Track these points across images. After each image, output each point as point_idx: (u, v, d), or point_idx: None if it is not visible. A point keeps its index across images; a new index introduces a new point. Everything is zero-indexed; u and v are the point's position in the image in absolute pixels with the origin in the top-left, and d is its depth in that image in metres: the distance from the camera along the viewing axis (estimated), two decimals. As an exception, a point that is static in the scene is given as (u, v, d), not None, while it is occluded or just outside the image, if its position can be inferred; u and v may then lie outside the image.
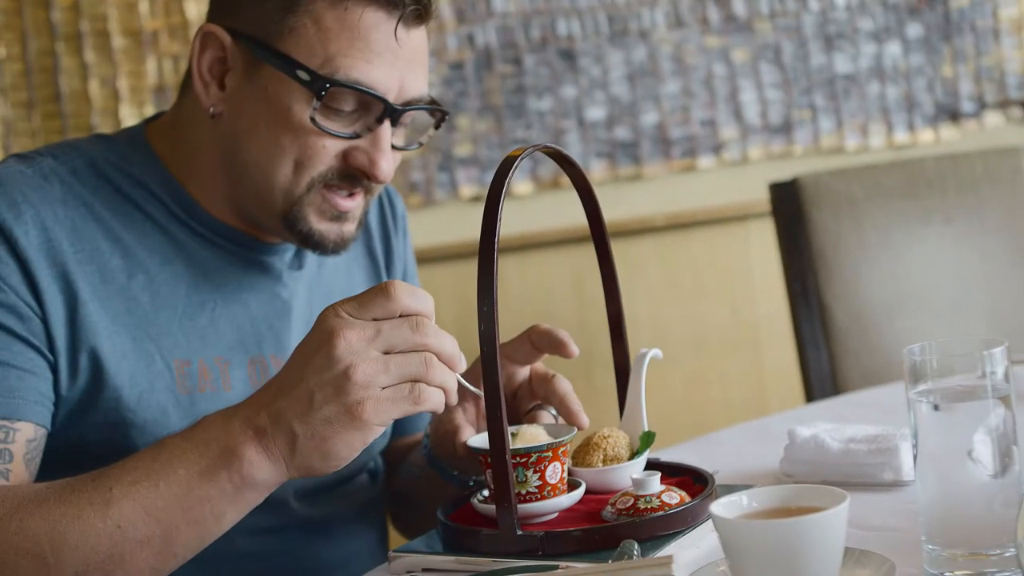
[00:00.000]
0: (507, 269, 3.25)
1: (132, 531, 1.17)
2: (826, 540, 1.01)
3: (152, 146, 1.50)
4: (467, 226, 3.17)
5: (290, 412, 1.17)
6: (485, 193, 3.18)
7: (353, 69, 1.38)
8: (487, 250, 1.21)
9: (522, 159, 1.26)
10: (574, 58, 3.31)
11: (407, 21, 1.41)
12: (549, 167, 3.29)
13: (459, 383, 1.24)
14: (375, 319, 1.18)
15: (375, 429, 1.17)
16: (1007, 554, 1.09)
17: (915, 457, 1.14)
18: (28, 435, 1.32)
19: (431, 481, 1.54)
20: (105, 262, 1.41)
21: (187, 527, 1.19)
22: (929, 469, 1.12)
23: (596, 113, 3.32)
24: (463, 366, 1.23)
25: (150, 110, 3.10)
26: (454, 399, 1.22)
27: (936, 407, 1.11)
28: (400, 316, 1.18)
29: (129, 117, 3.09)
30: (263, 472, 1.19)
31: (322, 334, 1.18)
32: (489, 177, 3.17)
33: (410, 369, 1.17)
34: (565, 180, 3.21)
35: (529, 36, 3.29)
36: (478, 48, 3.27)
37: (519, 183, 3.28)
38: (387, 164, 1.43)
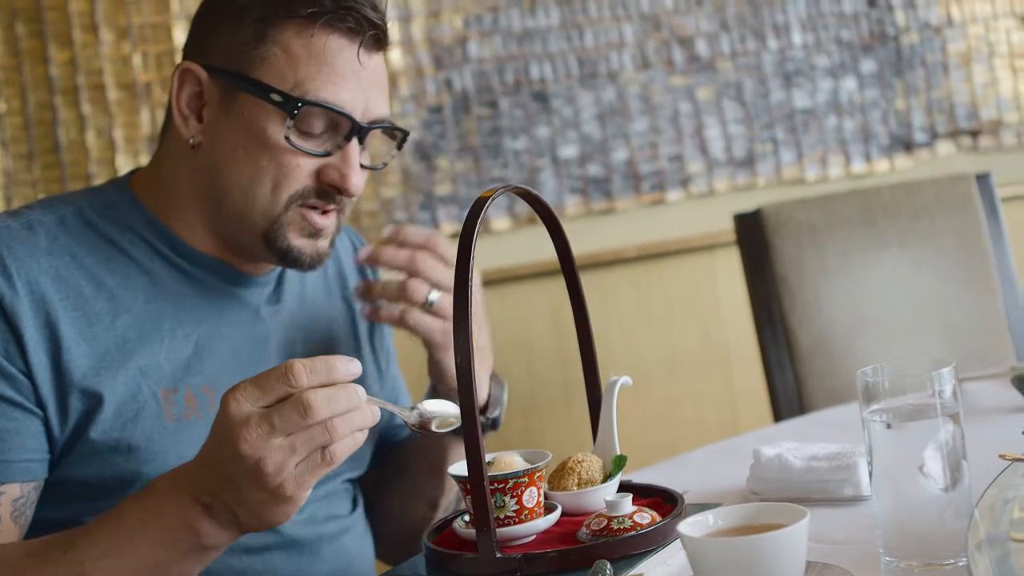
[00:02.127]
0: (487, 301, 3.22)
1: None
2: (788, 555, 1.03)
3: (135, 191, 1.55)
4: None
5: (225, 495, 1.21)
6: (466, 230, 3.24)
7: (322, 91, 1.45)
8: (461, 284, 1.23)
9: (493, 199, 1.29)
10: (547, 100, 3.34)
11: (367, 46, 1.49)
12: (525, 204, 3.27)
13: (380, 406, 1.25)
14: (272, 404, 1.19)
15: (302, 497, 1.21)
16: (960, 563, 1.11)
17: (871, 473, 1.17)
18: (14, 495, 1.37)
19: (423, 447, 1.64)
20: (90, 307, 1.44)
21: None
22: (884, 485, 1.15)
23: (569, 151, 3.35)
24: (362, 396, 1.22)
25: (145, 159, 3.11)
26: (372, 423, 1.23)
27: (888, 425, 1.14)
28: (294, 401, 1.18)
29: (125, 166, 3.11)
30: (218, 538, 1.25)
31: (225, 429, 1.19)
32: (468, 214, 3.24)
33: (316, 441, 1.19)
34: None
35: (504, 80, 3.32)
36: (455, 92, 3.29)
37: (497, 220, 3.29)
38: (357, 178, 1.49)
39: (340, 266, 1.76)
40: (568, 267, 1.46)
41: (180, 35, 3.19)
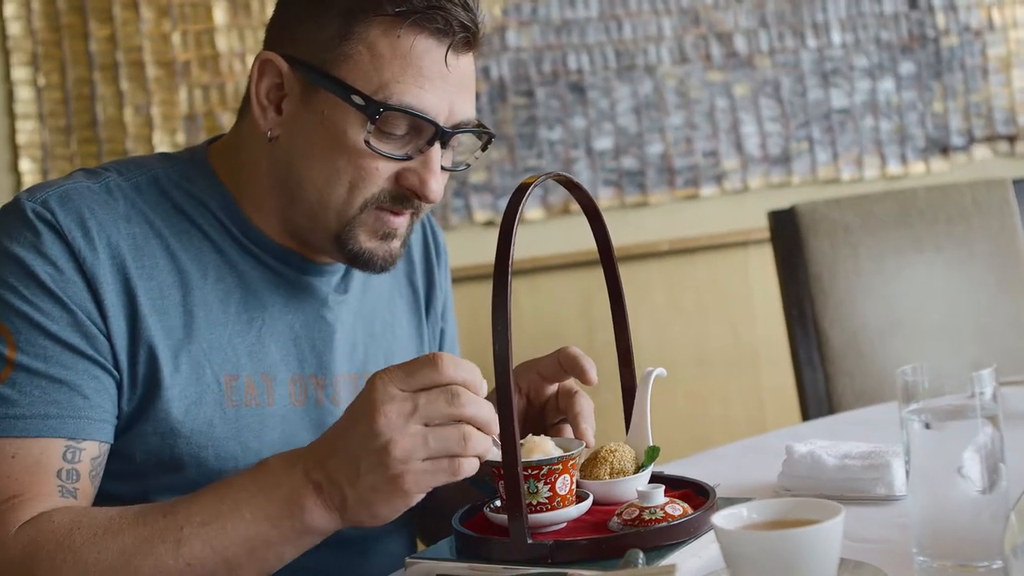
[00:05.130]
0: (518, 291, 3.25)
1: (200, 568, 1.23)
2: (822, 551, 1.03)
3: (212, 166, 1.50)
4: (480, 249, 3.19)
5: (340, 475, 1.21)
6: (498, 218, 3.29)
7: (406, 94, 1.38)
8: (501, 272, 1.22)
9: (535, 186, 1.27)
10: (583, 91, 3.35)
11: (457, 48, 1.41)
12: (559, 194, 3.31)
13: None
14: (418, 390, 1.20)
15: (416, 496, 1.21)
16: (995, 566, 1.09)
17: (907, 473, 1.15)
18: (92, 453, 1.35)
19: (462, 488, 1.52)
20: (163, 278, 1.42)
21: (249, 564, 1.25)
22: (921, 484, 1.14)
23: (604, 143, 3.36)
24: (496, 429, 1.23)
25: (181, 137, 3.16)
26: (487, 457, 1.24)
27: (927, 425, 1.12)
28: (441, 387, 1.20)
29: (161, 143, 3.14)
30: (322, 521, 1.24)
31: (366, 404, 1.20)
32: (502, 203, 3.28)
33: (448, 444, 1.19)
34: (574, 206, 3.32)
35: (541, 70, 3.33)
36: (493, 81, 3.31)
37: (530, 209, 3.30)
38: (437, 184, 1.43)
39: (408, 247, 1.71)
40: (607, 256, 1.44)
41: (220, 15, 3.21)
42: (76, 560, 1.23)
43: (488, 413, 1.22)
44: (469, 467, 1.21)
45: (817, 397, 2.57)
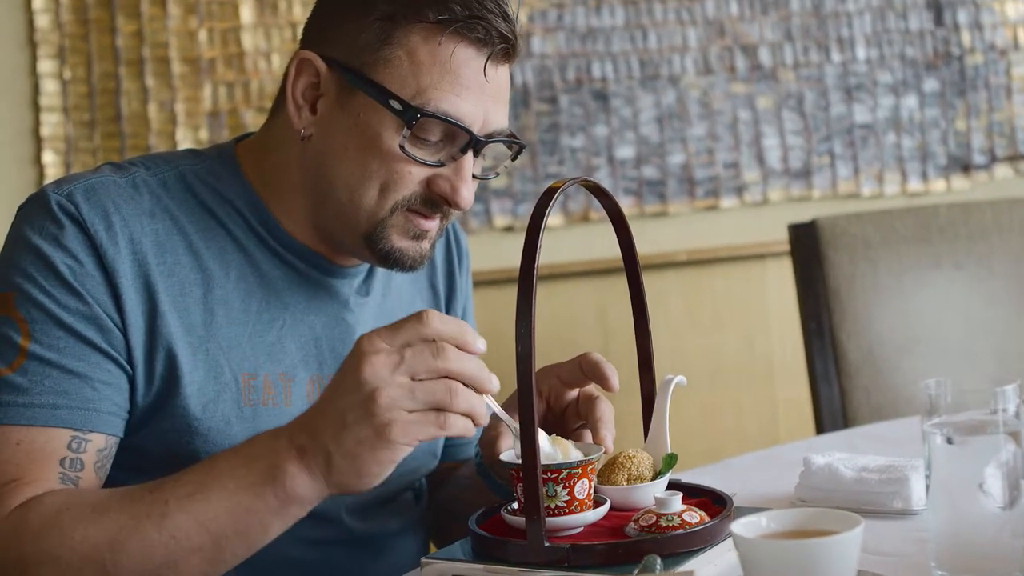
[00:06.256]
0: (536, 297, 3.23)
1: (185, 541, 1.22)
2: (840, 561, 1.03)
3: (240, 164, 1.52)
4: (500, 254, 3.21)
5: (325, 431, 1.20)
6: (518, 224, 3.27)
7: (443, 102, 1.40)
8: (527, 275, 1.22)
9: (563, 190, 1.28)
10: (607, 99, 3.35)
11: (495, 58, 1.43)
12: (579, 201, 3.32)
13: (492, 408, 1.25)
14: (405, 345, 1.20)
15: (403, 448, 1.19)
16: (1015, 582, 1.10)
17: (928, 487, 1.16)
18: (99, 445, 1.36)
19: (478, 491, 1.56)
20: (185, 275, 1.43)
21: (236, 537, 1.23)
22: (941, 499, 1.14)
23: (626, 152, 3.36)
24: (494, 387, 1.23)
25: (204, 134, 3.17)
26: (483, 421, 1.23)
27: (949, 440, 1.13)
28: (427, 341, 1.20)
29: (184, 140, 3.15)
30: (304, 488, 1.22)
31: (353, 359, 1.20)
32: (522, 209, 3.29)
33: (435, 397, 1.19)
34: (594, 214, 3.33)
35: (565, 77, 3.34)
36: (516, 86, 3.30)
37: (551, 216, 3.27)
38: (468, 192, 1.44)
39: None
40: (631, 263, 1.45)
41: (247, 13, 3.23)
42: (62, 538, 1.24)
43: (476, 369, 1.21)
44: (455, 423, 1.20)
45: (832, 411, 2.56)
